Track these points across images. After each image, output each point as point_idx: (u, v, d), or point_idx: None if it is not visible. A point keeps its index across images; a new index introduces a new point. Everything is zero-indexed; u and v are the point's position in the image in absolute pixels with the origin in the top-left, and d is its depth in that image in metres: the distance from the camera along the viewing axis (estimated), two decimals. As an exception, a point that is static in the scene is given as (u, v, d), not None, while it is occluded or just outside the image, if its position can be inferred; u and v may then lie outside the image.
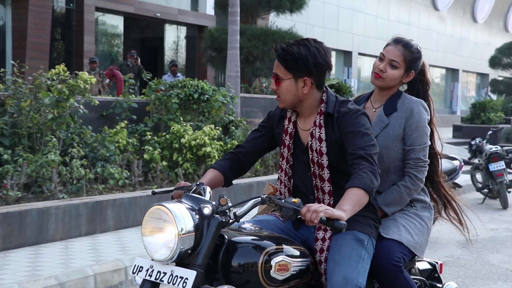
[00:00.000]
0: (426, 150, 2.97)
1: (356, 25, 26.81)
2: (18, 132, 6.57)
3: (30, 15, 15.27)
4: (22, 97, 6.66)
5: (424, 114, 2.97)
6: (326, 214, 2.23)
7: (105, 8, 17.90)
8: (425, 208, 3.04)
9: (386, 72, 2.99)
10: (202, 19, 20.76)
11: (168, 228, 2.23)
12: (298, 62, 2.56)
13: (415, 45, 3.05)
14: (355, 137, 2.54)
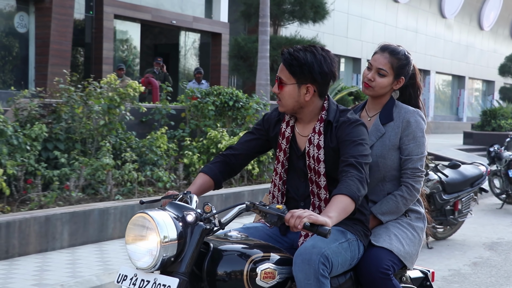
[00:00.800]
0: (423, 160, 2.97)
1: (365, 32, 27.21)
2: (71, 137, 6.98)
3: (53, 22, 15.60)
4: (74, 104, 7.07)
5: (422, 123, 2.97)
6: (310, 219, 2.22)
7: (123, 16, 18.30)
8: (419, 219, 3.01)
9: (375, 81, 2.98)
10: (216, 26, 21.18)
11: (150, 236, 2.22)
12: (303, 68, 2.57)
13: (402, 51, 3.03)
14: (349, 146, 2.55)
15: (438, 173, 6.85)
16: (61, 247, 5.52)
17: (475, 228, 8.01)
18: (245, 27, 22.78)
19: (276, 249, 2.57)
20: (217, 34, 21.17)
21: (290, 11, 12.93)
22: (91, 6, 17.63)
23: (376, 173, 2.93)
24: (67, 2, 15.86)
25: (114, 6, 17.72)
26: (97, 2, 17.47)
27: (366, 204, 2.80)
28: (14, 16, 15.65)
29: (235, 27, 22.12)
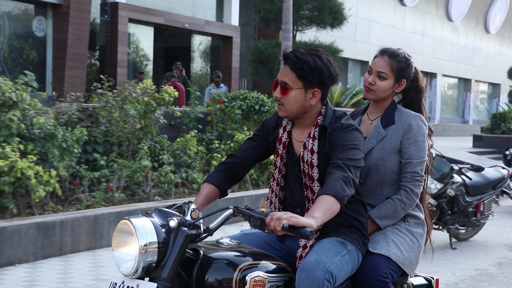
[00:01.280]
0: (423, 165, 2.93)
1: (373, 35, 27.47)
2: (109, 140, 7.26)
3: (70, 26, 15.83)
4: (111, 108, 7.36)
5: (423, 128, 2.94)
6: (290, 221, 2.20)
7: (137, 20, 18.56)
8: (419, 225, 2.97)
9: (376, 85, 2.96)
10: (227, 30, 21.44)
11: (131, 242, 2.25)
12: (314, 72, 2.54)
13: (402, 53, 3.02)
14: (339, 150, 2.52)
15: (462, 175, 7.10)
16: (107, 245, 5.80)
17: (495, 229, 8.26)
18: (255, 31, 23.08)
19: (269, 256, 2.53)
20: (228, 38, 21.43)
21: (309, 16, 13.19)
22: (106, 10, 17.88)
23: (375, 175, 2.92)
24: (84, 6, 16.12)
25: (128, 10, 17.98)
26: (112, 6, 17.72)
27: (364, 211, 2.76)
28: (33, 20, 15.89)
29: (246, 30, 22.40)
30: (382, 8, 27.93)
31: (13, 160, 5.37)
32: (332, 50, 12.73)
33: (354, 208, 2.66)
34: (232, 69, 21.02)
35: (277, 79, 2.62)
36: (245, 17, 22.69)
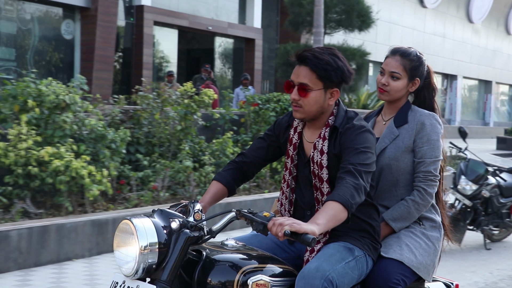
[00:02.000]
0: (437, 164, 2.85)
1: (394, 37, 27.52)
2: (150, 141, 7.48)
3: (98, 29, 16.09)
4: (152, 110, 7.57)
5: (437, 127, 2.87)
6: (292, 228, 2.15)
7: (162, 22, 18.81)
8: (435, 228, 2.88)
9: (389, 85, 2.91)
10: (250, 32, 21.65)
11: (132, 243, 2.23)
12: (337, 72, 2.50)
13: (413, 52, 2.96)
14: (351, 153, 2.45)
15: (497, 177, 7.22)
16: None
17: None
18: (277, 33, 23.27)
19: (274, 260, 2.47)
20: (251, 40, 21.63)
21: (337, 19, 13.36)
22: (132, 13, 18.14)
23: (388, 176, 2.85)
24: (111, 9, 16.38)
25: (154, 13, 18.23)
26: (138, 9, 17.98)
27: (376, 214, 2.68)
28: (61, 23, 16.18)
29: (267, 32, 22.59)
30: (403, 10, 28.00)
31: (68, 160, 5.60)
32: (360, 53, 12.87)
33: (365, 211, 2.57)
34: (255, 71, 21.22)
35: (292, 80, 2.54)
36: (267, 19, 22.88)
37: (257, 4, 21.93)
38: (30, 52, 15.59)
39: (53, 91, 5.92)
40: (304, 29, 13.50)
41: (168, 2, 19.35)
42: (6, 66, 14.89)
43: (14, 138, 5.56)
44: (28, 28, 15.43)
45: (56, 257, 5.24)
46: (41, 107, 5.89)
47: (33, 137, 5.62)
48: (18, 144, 5.52)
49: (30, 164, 5.54)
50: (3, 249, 4.89)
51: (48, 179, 5.57)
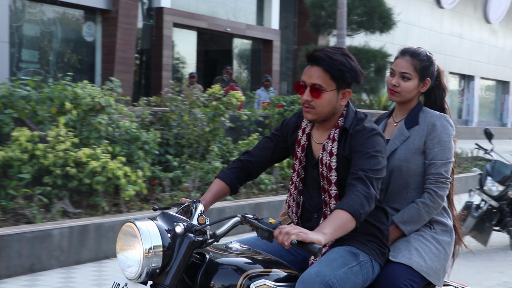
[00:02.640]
0: (448, 166, 2.79)
1: (411, 38, 27.51)
2: (179, 143, 7.62)
3: (119, 31, 16.26)
4: (180, 112, 7.71)
5: (449, 129, 2.82)
6: (299, 237, 2.10)
7: (181, 24, 18.98)
8: (446, 232, 2.83)
9: (400, 86, 2.87)
10: (267, 33, 21.77)
11: (135, 246, 2.19)
12: (351, 73, 2.47)
13: (423, 52, 2.93)
14: (361, 158, 2.40)
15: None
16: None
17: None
18: (295, 34, 23.37)
19: (279, 264, 2.43)
20: (269, 41, 21.74)
21: (358, 21, 13.44)
22: (152, 15, 18.32)
23: (399, 178, 2.81)
24: (131, 12, 16.56)
25: (173, 15, 18.40)
26: (157, 11, 18.15)
27: (385, 218, 2.62)
28: (83, 25, 16.37)
29: (285, 34, 22.70)
30: (420, 11, 27.99)
31: (104, 161, 5.75)
32: (381, 54, 12.94)
33: (374, 214, 2.48)
34: (273, 72, 21.32)
35: (303, 81, 2.48)
36: (284, 20, 22.99)
37: (275, 5, 22.05)
38: (53, 54, 15.80)
39: (89, 93, 6.07)
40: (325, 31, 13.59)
41: (187, 4, 19.52)
42: (30, 68, 15.12)
43: (53, 140, 5.71)
44: (51, 31, 15.65)
45: (95, 256, 5.39)
46: (77, 109, 6.04)
47: (70, 138, 5.77)
48: (57, 146, 5.67)
49: (68, 165, 5.69)
50: (46, 247, 5.04)
51: (85, 179, 5.71)
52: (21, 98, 6.13)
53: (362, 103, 13.46)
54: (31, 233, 4.91)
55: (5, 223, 5.13)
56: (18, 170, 5.56)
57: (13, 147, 5.62)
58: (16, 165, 5.54)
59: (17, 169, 5.55)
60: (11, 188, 5.45)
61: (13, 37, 14.49)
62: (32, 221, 5.24)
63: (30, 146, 5.61)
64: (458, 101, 31.92)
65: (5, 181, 5.57)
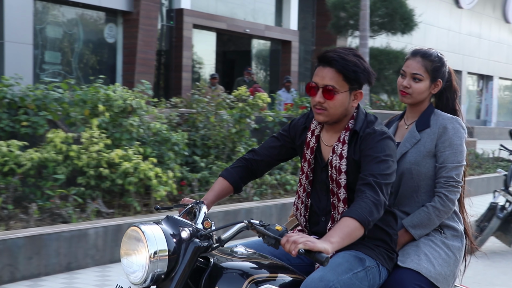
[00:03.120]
0: (460, 170, 2.75)
1: (429, 38, 27.46)
2: (206, 144, 7.73)
3: (140, 33, 16.42)
4: (207, 114, 7.82)
5: (461, 132, 2.78)
6: (306, 246, 2.07)
7: (201, 25, 19.12)
8: (456, 237, 2.79)
9: (411, 88, 2.83)
10: (286, 34, 21.85)
11: (141, 250, 2.17)
12: (364, 74, 2.44)
13: (434, 53, 2.89)
14: (371, 162, 2.36)
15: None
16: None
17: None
18: (313, 35, 23.43)
19: (285, 268, 2.39)
20: (287, 42, 21.82)
21: (379, 23, 13.49)
22: (172, 17, 18.47)
23: (409, 181, 2.78)
24: (152, 13, 16.72)
25: (193, 16, 18.55)
26: (177, 12, 18.30)
27: (394, 222, 2.59)
28: (104, 27, 16.56)
29: (303, 34, 22.77)
30: (438, 11, 27.92)
31: (136, 162, 5.88)
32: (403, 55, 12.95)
33: (383, 218, 2.43)
34: (291, 73, 21.40)
35: (315, 82, 2.45)
36: (302, 21, 23.07)
37: (293, 6, 22.13)
38: (75, 55, 16.01)
39: (120, 96, 6.20)
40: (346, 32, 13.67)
41: (207, 6, 19.67)
42: (52, 70, 15.35)
43: (86, 141, 5.85)
44: (73, 32, 15.86)
45: (128, 255, 5.51)
46: (109, 111, 6.18)
47: (103, 140, 5.90)
48: (90, 147, 5.81)
49: (101, 166, 5.82)
50: (82, 246, 5.17)
51: (118, 180, 5.84)
52: (54, 101, 6.28)
53: (383, 104, 13.50)
54: (68, 232, 5.05)
55: (42, 223, 5.28)
56: (53, 171, 5.70)
57: (48, 149, 5.76)
58: (51, 166, 5.68)
59: (52, 170, 5.69)
60: (46, 189, 5.59)
61: (37, 39, 14.71)
62: (68, 221, 5.38)
63: (64, 148, 5.75)
64: (476, 102, 31.77)
65: (40, 182, 5.72)
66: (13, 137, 6.01)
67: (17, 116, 6.18)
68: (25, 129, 6.10)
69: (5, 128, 6.11)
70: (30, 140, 6.09)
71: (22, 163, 5.53)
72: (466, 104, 29.62)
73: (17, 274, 4.73)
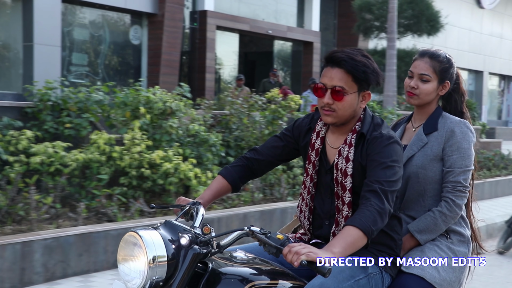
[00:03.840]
0: (467, 174, 2.70)
1: (450, 39, 27.38)
2: (239, 145, 7.89)
3: (165, 34, 16.61)
4: (240, 115, 7.98)
5: (469, 135, 2.73)
6: (309, 257, 2.02)
7: (224, 27, 19.29)
8: (463, 243, 2.74)
9: (419, 88, 2.79)
10: (308, 35, 21.95)
11: (139, 257, 2.12)
12: (374, 75, 2.41)
13: (443, 54, 2.85)
14: (377, 168, 2.32)
15: None
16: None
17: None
18: (334, 36, 23.51)
19: (286, 274, 2.34)
20: (309, 43, 21.92)
21: (405, 24, 13.58)
22: (195, 18, 18.66)
23: (415, 185, 2.74)
24: (177, 15, 16.90)
25: (216, 18, 18.72)
26: (201, 14, 18.48)
27: (399, 226, 2.55)
28: (129, 29, 16.78)
29: (325, 35, 22.86)
30: (460, 11, 27.83)
31: (176, 163, 6.05)
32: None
33: (387, 222, 2.34)
34: (313, 74, 21.50)
35: (323, 83, 2.41)
36: (324, 22, 23.16)
37: (315, 7, 22.23)
38: (101, 57, 16.25)
39: (160, 98, 6.38)
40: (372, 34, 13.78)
41: (230, 7, 19.84)
42: (80, 71, 15.60)
43: (128, 143, 6.03)
44: (99, 34, 16.10)
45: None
46: (150, 113, 6.36)
47: (145, 141, 6.08)
48: (132, 148, 5.99)
49: (143, 167, 6.00)
50: (128, 244, 5.34)
51: (159, 180, 6.01)
52: (95, 103, 6.48)
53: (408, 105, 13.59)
54: (115, 230, 5.22)
55: (89, 221, 5.46)
56: (97, 171, 5.88)
57: (91, 149, 5.95)
58: (95, 166, 5.87)
59: (96, 170, 5.88)
60: (91, 188, 5.78)
61: (64, 41, 14.98)
62: (113, 220, 5.56)
63: (107, 149, 5.94)
64: (497, 102, 31.62)
65: (84, 182, 5.91)
66: (57, 139, 6.22)
67: (60, 118, 6.39)
68: (68, 130, 6.30)
69: (49, 130, 6.31)
70: (73, 141, 6.29)
71: (67, 163, 5.72)
72: (488, 104, 29.49)
73: (69, 270, 4.92)
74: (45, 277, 4.75)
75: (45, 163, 5.67)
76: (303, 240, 2.61)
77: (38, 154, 5.67)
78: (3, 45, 13.58)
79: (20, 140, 5.74)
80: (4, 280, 4.49)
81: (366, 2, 13.52)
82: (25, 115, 6.51)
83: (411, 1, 13.10)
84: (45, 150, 5.70)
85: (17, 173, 5.42)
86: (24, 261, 4.60)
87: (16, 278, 4.57)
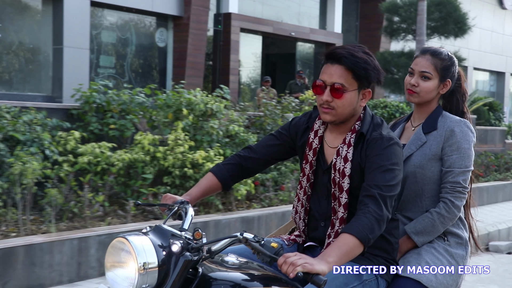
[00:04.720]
0: (467, 175, 2.64)
1: (472, 39, 27.27)
2: (273, 146, 8.06)
3: (190, 37, 16.81)
4: (274, 117, 8.15)
5: (469, 135, 2.68)
6: (305, 268, 1.96)
7: (247, 29, 19.47)
8: (460, 245, 2.68)
9: (419, 86, 2.73)
10: (330, 37, 22.06)
11: (128, 263, 2.04)
12: (375, 72, 2.34)
13: (444, 51, 2.80)
14: (376, 171, 2.25)
15: None
16: (291, 239, 6.55)
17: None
18: (356, 38, 23.58)
19: (279, 280, 2.26)
20: (331, 45, 21.97)
21: (433, 26, 13.65)
22: (220, 21, 18.85)
23: (413, 185, 2.67)
24: (202, 18, 17.10)
25: (240, 20, 18.89)
26: (225, 16, 18.67)
27: (396, 230, 2.49)
28: (155, 32, 17.01)
29: (347, 37, 22.95)
30: (482, 12, 27.75)
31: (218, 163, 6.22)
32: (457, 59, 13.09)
33: None
34: (335, 75, 21.58)
35: (322, 80, 2.34)
36: (346, 24, 23.25)
37: (337, 9, 22.33)
38: (127, 59, 16.50)
39: (201, 100, 6.57)
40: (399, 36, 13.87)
41: (253, 10, 20.02)
42: (107, 73, 15.87)
43: (172, 143, 6.22)
44: (126, 37, 16.35)
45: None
46: (191, 115, 6.55)
47: (188, 142, 6.27)
48: (175, 148, 6.18)
49: (185, 166, 6.19)
50: (175, 241, 5.53)
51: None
52: (137, 105, 6.69)
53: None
54: (163, 228, 5.41)
55: (136, 219, 5.66)
56: (141, 170, 6.09)
57: (136, 150, 6.15)
58: (139, 166, 6.07)
59: (141, 170, 6.08)
60: (137, 187, 5.98)
61: (92, 43, 15.25)
62: (159, 217, 5.75)
63: (152, 149, 6.14)
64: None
65: (130, 181, 6.11)
66: (101, 139, 6.43)
67: (104, 120, 6.61)
68: (112, 131, 6.51)
69: (94, 131, 6.53)
70: (117, 142, 6.51)
71: (113, 163, 5.93)
72: (510, 105, 29.37)
73: (122, 266, 5.12)
74: (99, 272, 4.95)
75: (92, 163, 5.89)
76: (297, 242, 2.56)
77: (85, 154, 5.88)
78: (34, 48, 13.88)
79: (69, 140, 5.96)
80: (63, 273, 4.71)
81: (393, 5, 13.62)
82: (70, 117, 6.74)
83: (439, 3, 13.18)
84: (92, 150, 5.91)
85: (68, 173, 5.63)
86: (80, 256, 4.82)
87: (73, 272, 4.78)
